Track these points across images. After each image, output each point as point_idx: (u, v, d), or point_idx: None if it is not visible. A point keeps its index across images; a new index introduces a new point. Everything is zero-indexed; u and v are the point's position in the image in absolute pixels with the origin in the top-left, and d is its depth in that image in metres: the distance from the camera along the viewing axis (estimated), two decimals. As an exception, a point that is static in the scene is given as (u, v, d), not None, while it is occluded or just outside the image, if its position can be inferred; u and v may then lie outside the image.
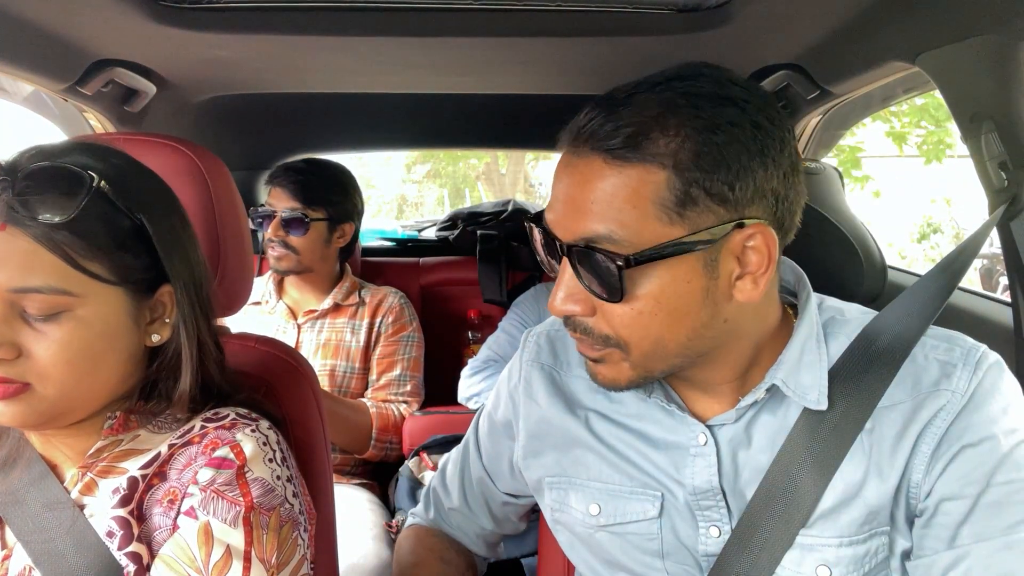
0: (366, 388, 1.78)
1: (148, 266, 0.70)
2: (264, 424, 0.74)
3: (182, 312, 0.72)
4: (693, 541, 0.73)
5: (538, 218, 0.68)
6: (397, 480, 1.65)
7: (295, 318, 1.79)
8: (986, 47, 0.94)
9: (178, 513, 0.68)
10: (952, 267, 0.78)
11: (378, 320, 1.80)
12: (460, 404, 1.80)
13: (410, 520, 1.02)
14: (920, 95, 1.54)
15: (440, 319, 2.21)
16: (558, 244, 0.64)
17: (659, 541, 0.74)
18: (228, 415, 0.74)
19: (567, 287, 0.65)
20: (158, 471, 0.70)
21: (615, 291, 0.62)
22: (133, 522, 0.68)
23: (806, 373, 0.69)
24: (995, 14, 0.91)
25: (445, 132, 2.41)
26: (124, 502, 0.68)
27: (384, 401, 1.74)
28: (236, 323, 1.01)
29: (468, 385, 1.78)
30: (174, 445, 0.71)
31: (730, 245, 0.62)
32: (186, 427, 0.73)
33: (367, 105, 2.05)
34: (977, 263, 6.01)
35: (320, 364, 1.74)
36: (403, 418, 1.71)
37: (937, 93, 1.08)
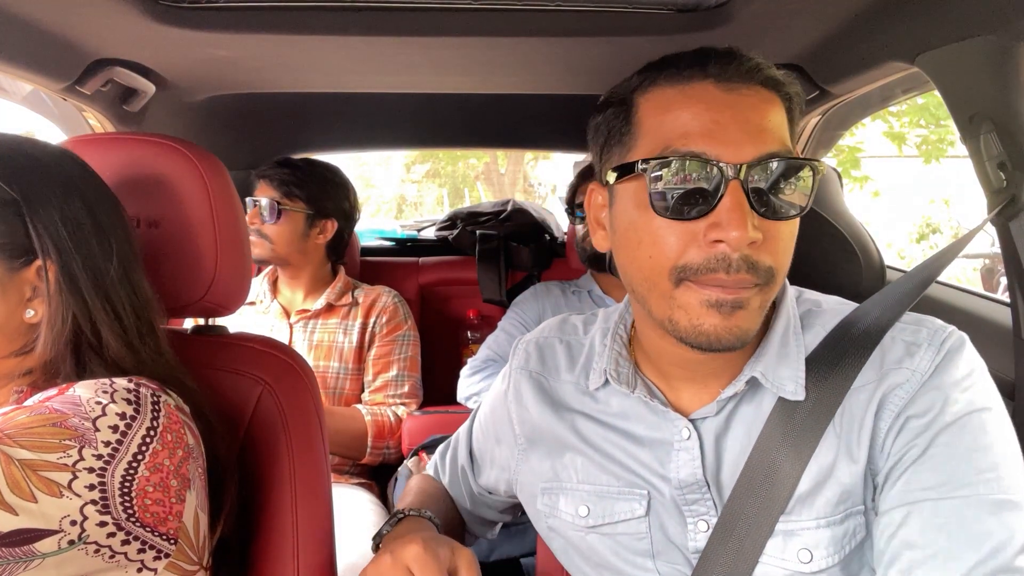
0: (361, 389, 1.78)
1: (19, 238, 0.71)
2: (121, 381, 0.71)
3: (47, 286, 0.72)
4: (682, 538, 0.73)
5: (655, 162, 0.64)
6: (396, 480, 1.65)
7: (288, 317, 1.79)
8: (986, 47, 0.94)
9: None
10: (934, 263, 0.79)
11: (372, 320, 1.80)
12: (459, 404, 1.80)
13: (432, 469, 1.05)
14: (920, 95, 1.54)
15: (439, 319, 2.21)
16: (723, 168, 0.62)
17: (648, 540, 0.74)
18: (102, 379, 0.72)
19: (743, 210, 0.61)
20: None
21: (806, 204, 0.65)
22: None
23: (784, 365, 0.70)
24: (995, 14, 0.92)
25: (445, 132, 2.41)
26: None
27: (380, 404, 1.73)
28: (232, 323, 1.01)
29: (467, 385, 1.78)
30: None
31: None
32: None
33: (367, 105, 2.05)
34: (978, 263, 6.01)
35: (313, 366, 1.72)
36: (399, 421, 1.70)
37: (937, 93, 1.08)
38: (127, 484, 0.65)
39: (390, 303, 1.83)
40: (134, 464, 0.66)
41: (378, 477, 1.77)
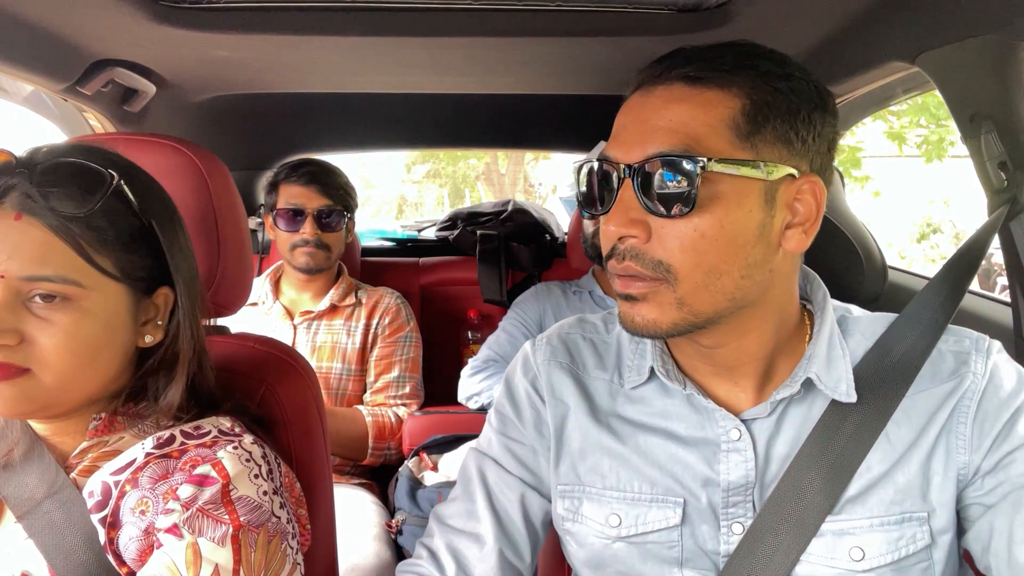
0: (364, 390, 1.78)
1: (150, 267, 0.72)
2: (247, 440, 0.73)
3: (185, 315, 0.73)
4: (714, 543, 0.72)
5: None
6: (397, 480, 1.65)
7: (291, 319, 1.79)
8: (986, 47, 0.94)
9: (151, 525, 0.67)
10: (957, 271, 0.79)
11: (375, 321, 1.80)
12: (460, 404, 1.80)
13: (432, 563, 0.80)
14: (920, 95, 1.54)
15: (440, 319, 2.21)
16: (617, 171, 0.65)
17: (679, 548, 0.73)
18: (210, 432, 0.73)
19: (626, 207, 0.65)
20: (131, 478, 0.69)
21: (688, 200, 0.62)
22: (105, 530, 0.68)
23: (834, 368, 0.71)
24: (995, 14, 0.92)
25: (445, 132, 2.41)
26: (98, 508, 0.68)
27: (381, 405, 1.73)
28: (233, 324, 1.01)
29: (468, 385, 1.78)
30: (151, 454, 0.70)
31: (786, 191, 0.65)
32: (165, 435, 0.72)
33: (367, 105, 2.05)
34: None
35: (315, 367, 1.73)
36: (400, 422, 1.70)
37: (937, 93, 1.08)
38: (295, 541, 0.72)
39: (393, 304, 1.83)
40: (290, 518, 0.73)
41: (379, 478, 1.77)
